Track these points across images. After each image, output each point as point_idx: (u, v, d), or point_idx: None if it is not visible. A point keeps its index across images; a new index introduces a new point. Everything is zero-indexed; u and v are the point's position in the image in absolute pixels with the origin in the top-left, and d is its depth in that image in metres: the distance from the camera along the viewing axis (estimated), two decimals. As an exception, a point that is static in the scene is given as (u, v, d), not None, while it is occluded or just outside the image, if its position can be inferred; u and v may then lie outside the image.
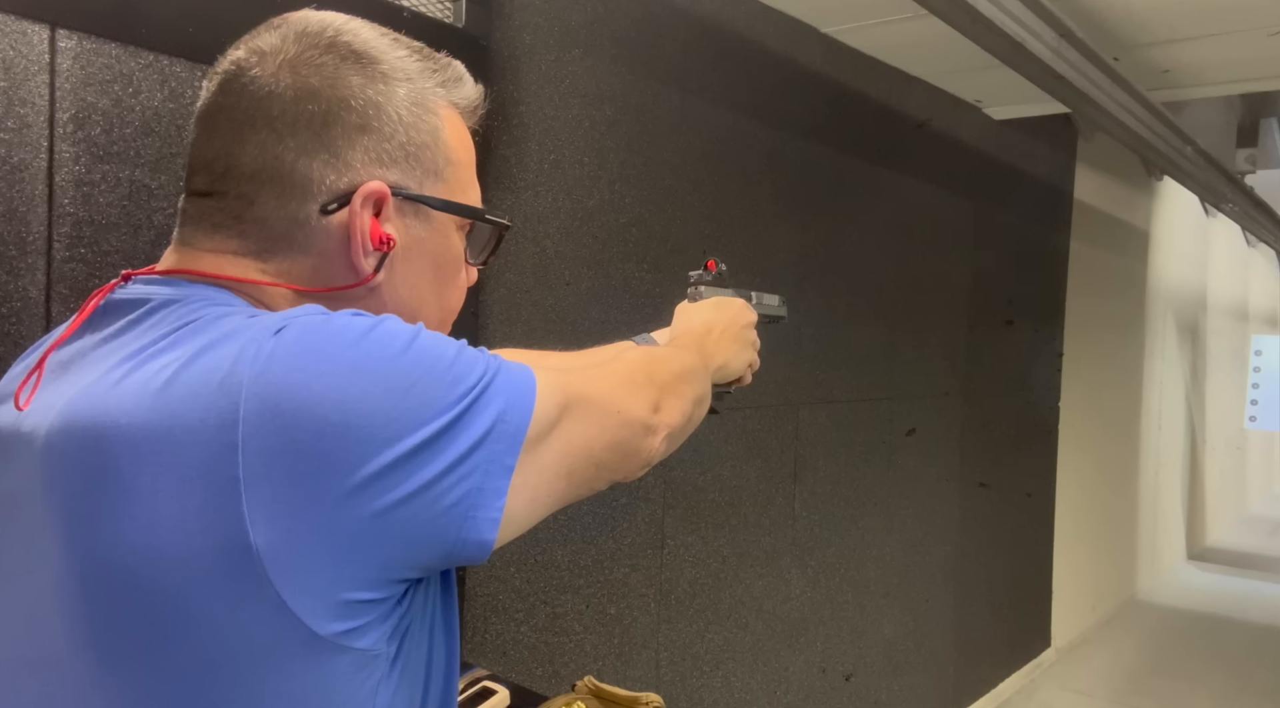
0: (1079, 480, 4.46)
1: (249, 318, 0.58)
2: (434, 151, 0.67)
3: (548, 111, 1.81)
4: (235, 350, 0.54)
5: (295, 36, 0.64)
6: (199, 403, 0.53)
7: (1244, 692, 4.05)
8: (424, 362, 0.56)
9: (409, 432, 0.54)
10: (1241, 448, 8.11)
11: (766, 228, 2.39)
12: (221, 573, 0.52)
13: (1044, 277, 4.00)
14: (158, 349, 0.57)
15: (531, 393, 0.61)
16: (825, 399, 2.65)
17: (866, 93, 2.76)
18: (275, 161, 0.62)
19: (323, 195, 0.63)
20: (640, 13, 1.99)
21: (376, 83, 0.64)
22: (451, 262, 0.71)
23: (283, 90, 0.62)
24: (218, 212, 0.64)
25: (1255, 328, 8.27)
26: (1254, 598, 5.58)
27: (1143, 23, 2.55)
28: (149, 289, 0.63)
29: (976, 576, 3.56)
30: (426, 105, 0.67)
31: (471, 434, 0.56)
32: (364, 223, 0.63)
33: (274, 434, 0.52)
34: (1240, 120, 5.49)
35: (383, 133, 0.64)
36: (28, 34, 1.09)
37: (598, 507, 1.94)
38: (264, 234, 0.63)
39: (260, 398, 0.52)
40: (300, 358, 0.54)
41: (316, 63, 0.63)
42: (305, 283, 0.65)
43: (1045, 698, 3.88)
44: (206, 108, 0.65)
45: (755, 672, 2.43)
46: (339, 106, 0.63)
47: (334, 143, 0.63)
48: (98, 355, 0.61)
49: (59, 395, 0.60)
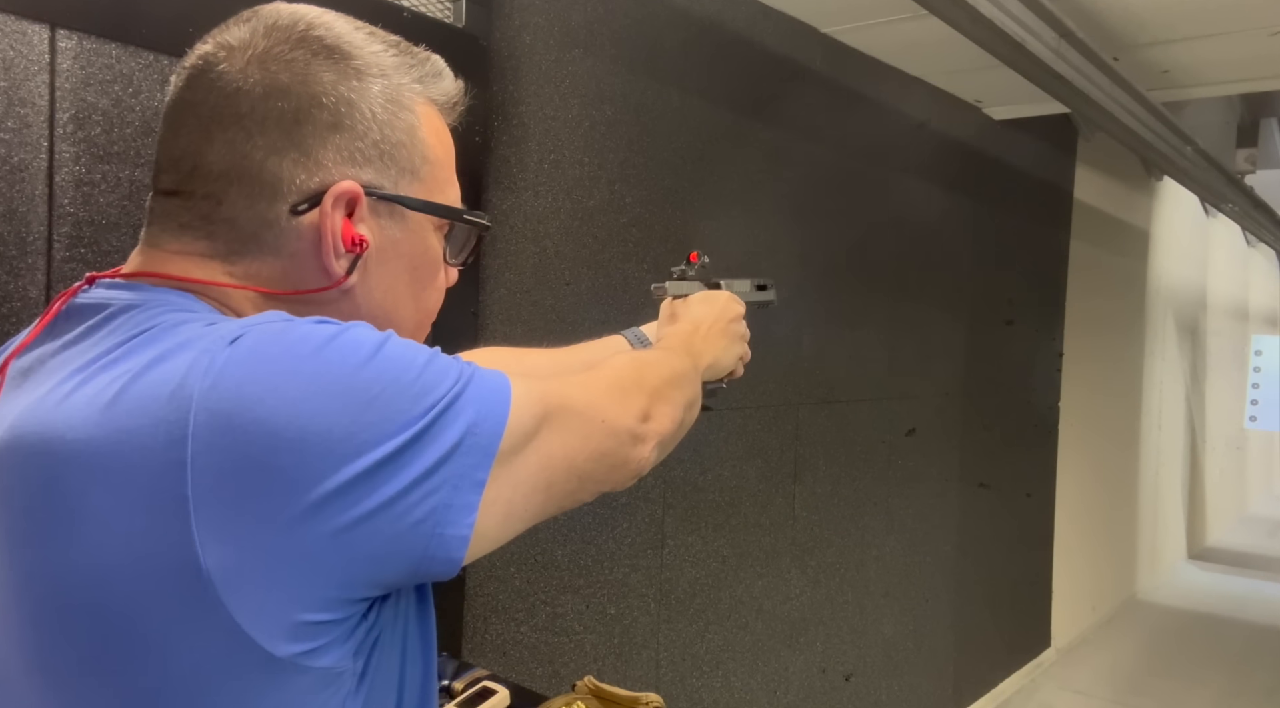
0: (1079, 480, 4.46)
1: (207, 325, 0.56)
2: (410, 150, 0.64)
3: (548, 111, 1.81)
4: (188, 361, 0.52)
5: (265, 30, 0.61)
6: (148, 417, 0.51)
7: (1243, 692, 4.05)
8: (389, 372, 0.53)
9: (370, 447, 0.51)
10: (1241, 448, 8.11)
11: (766, 228, 2.39)
12: (172, 595, 0.50)
13: (1044, 277, 4.01)
14: (110, 360, 0.55)
15: (506, 403, 0.58)
16: (825, 399, 2.65)
17: (866, 93, 2.76)
18: (243, 160, 0.60)
19: (293, 195, 0.60)
20: (640, 13, 1.99)
21: (350, 79, 0.61)
22: (429, 263, 0.68)
23: (251, 87, 0.60)
24: (185, 211, 0.61)
25: (1255, 328, 8.27)
26: (1254, 598, 5.58)
27: (1143, 23, 2.55)
28: (110, 294, 0.61)
29: (976, 576, 3.56)
30: (402, 102, 0.64)
31: (438, 448, 0.54)
32: (335, 224, 0.61)
33: (224, 451, 0.49)
34: (1240, 120, 5.49)
35: (356, 131, 0.62)
36: (28, 34, 1.09)
37: (598, 507, 1.94)
38: (232, 235, 0.61)
39: (211, 412, 0.50)
40: (254, 369, 0.51)
41: (287, 58, 0.60)
42: (274, 286, 0.62)
43: (1045, 698, 3.88)
44: (173, 104, 0.62)
45: (755, 672, 2.43)
46: (310, 103, 0.60)
47: (304, 141, 0.60)
48: (54, 364, 0.58)
49: (12, 407, 0.57)
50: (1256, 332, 8.14)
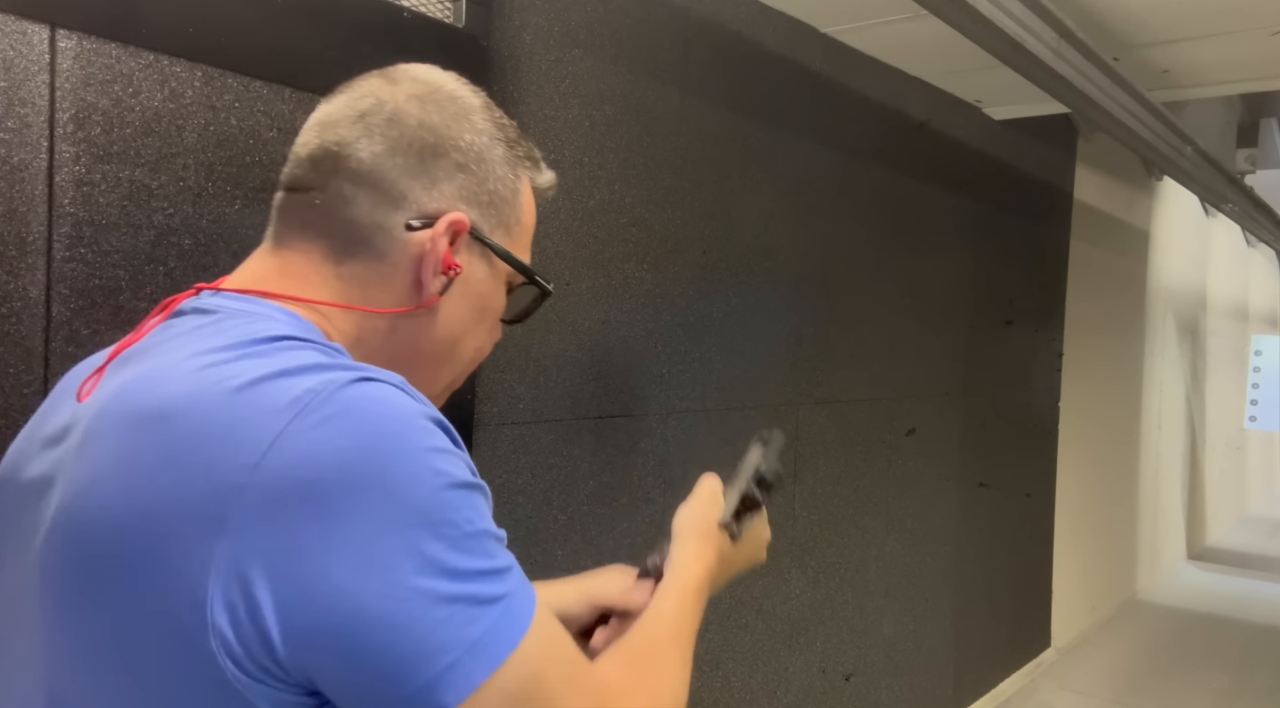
0: (1079, 480, 4.46)
1: (326, 355, 0.62)
2: (511, 208, 0.74)
3: (548, 111, 1.81)
4: (309, 384, 0.57)
5: (426, 82, 0.72)
6: (265, 420, 0.55)
7: (1243, 692, 4.05)
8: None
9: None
10: (1241, 448, 8.11)
11: (767, 228, 2.39)
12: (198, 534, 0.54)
13: (1044, 277, 4.01)
14: (236, 356, 0.59)
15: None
16: (825, 399, 2.65)
17: (866, 93, 2.76)
18: (381, 170, 0.68)
19: (411, 211, 0.69)
20: (640, 13, 1.99)
21: (482, 137, 0.72)
22: (493, 309, 0.77)
23: (407, 117, 0.70)
24: (312, 209, 0.69)
25: (1255, 328, 8.27)
26: (1254, 598, 5.58)
27: (1143, 23, 2.55)
28: (220, 301, 0.67)
29: (976, 576, 3.56)
30: (515, 169, 0.75)
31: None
32: (440, 246, 0.69)
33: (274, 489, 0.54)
34: (1240, 120, 5.50)
35: (477, 176, 0.72)
36: (28, 34, 1.09)
37: (598, 507, 1.94)
38: (348, 235, 0.69)
39: (278, 471, 0.53)
40: (348, 436, 0.55)
41: (441, 103, 0.71)
42: (375, 290, 0.69)
43: (1045, 698, 3.88)
44: (332, 112, 0.71)
45: (755, 672, 2.43)
46: (449, 145, 0.70)
47: (435, 172, 0.70)
48: (166, 348, 0.63)
49: (115, 381, 0.63)
50: (1256, 332, 8.14)
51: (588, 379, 1.91)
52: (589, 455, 1.92)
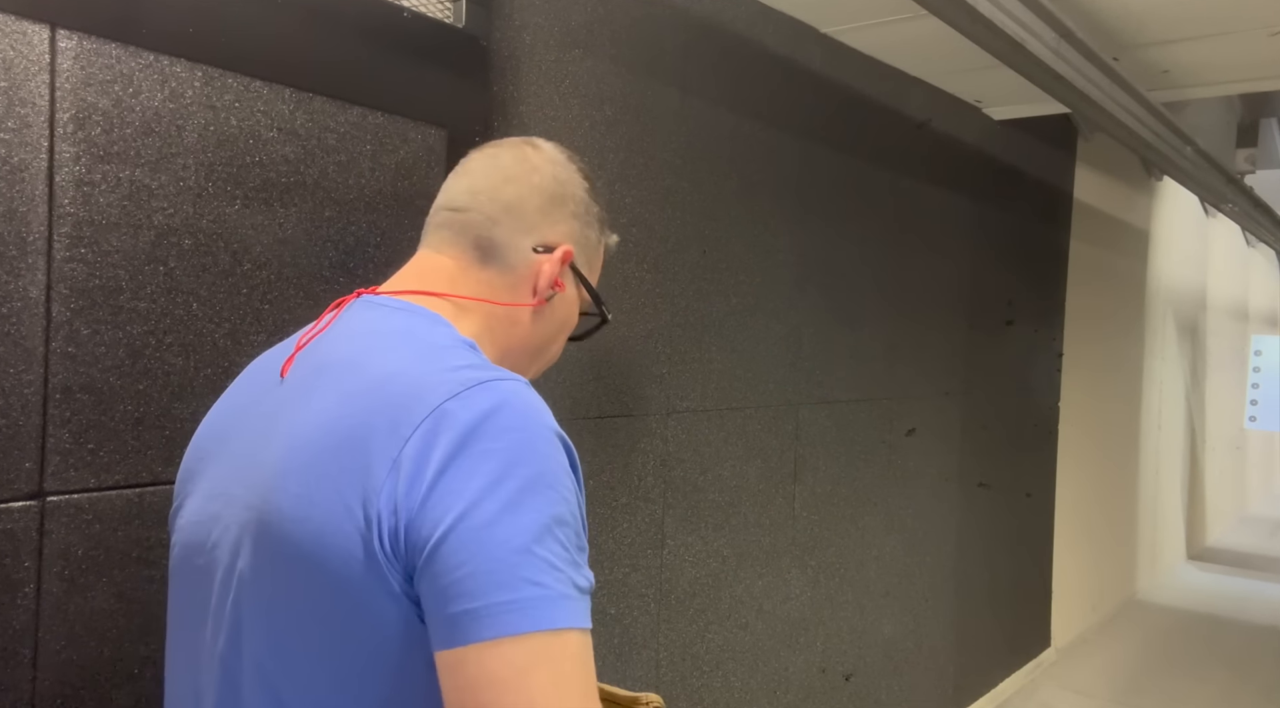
0: (1079, 480, 4.46)
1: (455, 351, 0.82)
2: (595, 251, 1.02)
3: (548, 111, 1.81)
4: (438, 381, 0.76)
5: (556, 153, 0.99)
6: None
7: (1244, 691, 4.05)
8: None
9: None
10: (1241, 448, 8.11)
11: (766, 228, 2.39)
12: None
13: (1044, 277, 4.01)
14: (404, 339, 0.82)
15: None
16: (825, 399, 2.65)
17: (866, 93, 2.76)
18: (522, 205, 0.94)
19: (536, 238, 0.94)
20: (640, 13, 1.99)
21: (588, 196, 1.00)
22: (568, 326, 1.01)
23: (544, 174, 0.96)
24: (467, 225, 0.93)
25: (1255, 328, 8.27)
26: (1254, 598, 5.58)
27: (1142, 23, 2.55)
28: (382, 300, 0.88)
29: (976, 576, 3.56)
30: (601, 226, 1.02)
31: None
32: (553, 267, 0.94)
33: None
34: (1240, 120, 5.49)
35: (584, 222, 0.98)
36: (28, 34, 1.09)
37: (598, 507, 1.94)
38: (489, 247, 0.93)
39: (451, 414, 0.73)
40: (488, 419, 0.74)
41: (566, 166, 0.98)
42: (503, 291, 0.93)
43: (1045, 698, 3.88)
44: (483, 163, 0.97)
45: (755, 672, 2.43)
46: (569, 197, 0.97)
47: (556, 214, 0.96)
48: (348, 338, 0.84)
49: (313, 356, 0.85)
50: (1256, 332, 8.14)
51: (588, 379, 1.91)
52: (589, 455, 1.92)
